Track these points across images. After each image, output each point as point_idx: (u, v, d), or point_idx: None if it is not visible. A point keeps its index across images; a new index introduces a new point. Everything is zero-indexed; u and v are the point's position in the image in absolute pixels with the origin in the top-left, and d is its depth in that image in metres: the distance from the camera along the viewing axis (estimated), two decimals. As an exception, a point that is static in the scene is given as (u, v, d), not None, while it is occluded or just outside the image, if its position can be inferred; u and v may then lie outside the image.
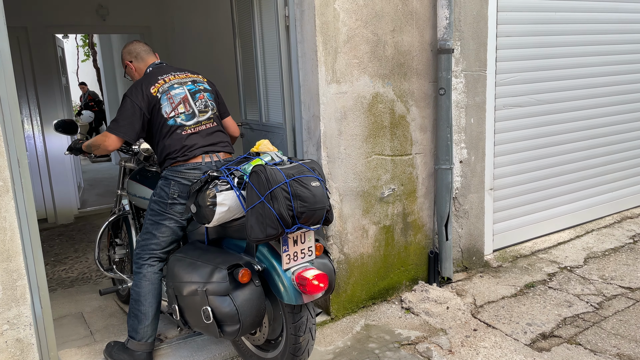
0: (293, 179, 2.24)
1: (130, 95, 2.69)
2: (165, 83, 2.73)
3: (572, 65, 4.13)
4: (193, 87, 2.80)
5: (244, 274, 2.27)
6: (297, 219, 2.23)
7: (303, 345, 2.38)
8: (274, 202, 2.19)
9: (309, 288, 2.24)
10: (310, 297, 2.30)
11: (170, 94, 2.70)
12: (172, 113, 2.68)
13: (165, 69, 2.83)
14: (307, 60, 2.96)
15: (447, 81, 3.24)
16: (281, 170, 2.25)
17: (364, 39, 3.01)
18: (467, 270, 3.72)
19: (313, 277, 2.25)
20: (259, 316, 2.34)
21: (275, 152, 2.46)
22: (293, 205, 2.21)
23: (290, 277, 2.30)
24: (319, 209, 2.28)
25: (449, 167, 3.33)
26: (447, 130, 3.29)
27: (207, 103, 2.79)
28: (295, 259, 2.35)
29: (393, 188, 3.25)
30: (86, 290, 4.09)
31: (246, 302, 2.28)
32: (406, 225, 3.35)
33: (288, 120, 3.13)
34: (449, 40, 3.21)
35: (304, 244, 2.38)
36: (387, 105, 3.16)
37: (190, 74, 2.88)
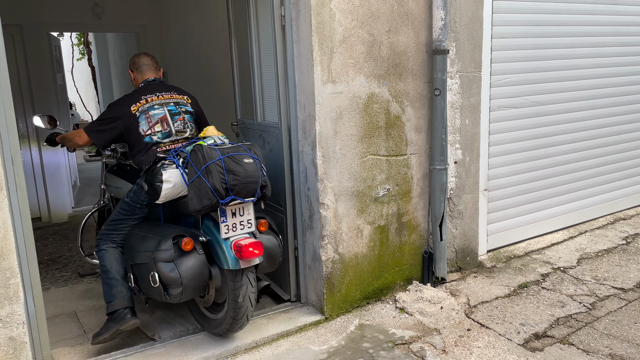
0: (227, 155, 2.58)
1: (115, 107, 3.04)
2: (147, 103, 3.04)
3: (567, 67, 4.16)
4: (174, 108, 3.11)
5: (187, 243, 2.59)
6: (231, 191, 2.54)
7: (242, 310, 2.67)
8: (208, 176, 2.52)
9: (244, 254, 2.55)
10: (246, 263, 2.61)
11: (149, 114, 3.01)
12: (148, 131, 3.00)
13: (153, 88, 3.12)
14: (303, 60, 2.97)
15: (442, 82, 3.25)
16: (217, 149, 2.58)
17: (359, 39, 3.02)
18: (461, 270, 3.73)
19: (248, 244, 2.56)
20: (201, 281, 2.64)
21: (218, 136, 2.78)
22: (226, 178, 2.53)
23: (230, 245, 2.61)
24: (251, 183, 2.60)
25: (444, 168, 3.34)
26: (442, 130, 3.30)
27: (186, 124, 3.11)
28: (234, 230, 2.65)
29: (388, 188, 3.26)
30: (80, 289, 4.07)
31: (189, 268, 2.59)
32: (401, 225, 3.36)
33: (284, 120, 3.13)
34: (445, 41, 3.22)
35: (243, 216, 2.69)
36: (383, 105, 3.17)
37: (177, 94, 3.18)
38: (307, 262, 3.23)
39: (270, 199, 3.39)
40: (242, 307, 2.68)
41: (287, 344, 2.90)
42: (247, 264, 2.62)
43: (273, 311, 3.21)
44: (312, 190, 3.06)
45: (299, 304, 3.30)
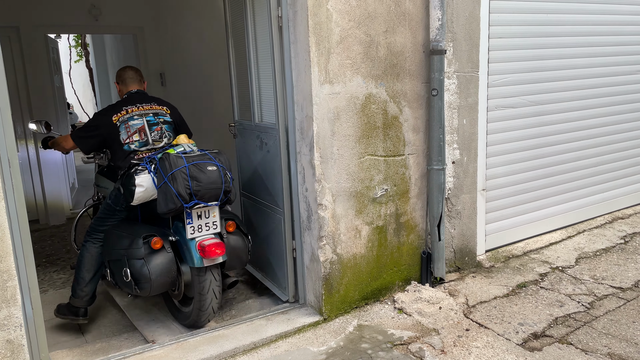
0: (192, 163, 2.86)
1: (98, 117, 3.33)
2: (127, 114, 3.29)
3: (564, 67, 4.16)
4: (153, 119, 3.36)
5: (156, 242, 2.89)
6: (194, 196, 2.83)
7: (207, 302, 2.97)
8: (174, 182, 2.80)
9: (207, 253, 2.85)
10: (210, 261, 2.91)
11: (129, 124, 3.27)
12: (127, 140, 3.26)
13: (135, 100, 3.37)
14: (300, 61, 2.96)
15: (439, 82, 3.25)
16: (184, 157, 2.88)
17: (356, 39, 3.02)
18: (459, 270, 3.73)
19: (211, 245, 2.86)
20: (169, 277, 2.92)
21: (188, 144, 3.07)
22: (190, 184, 2.82)
23: (195, 244, 2.92)
24: (213, 189, 2.88)
25: (442, 168, 3.34)
26: (439, 131, 3.30)
27: (163, 134, 3.37)
28: (199, 230, 2.95)
29: (386, 188, 3.26)
30: (78, 291, 4.07)
31: (157, 265, 2.87)
32: (399, 225, 3.36)
33: (281, 121, 3.13)
34: (442, 41, 3.22)
35: (208, 218, 2.99)
36: (380, 105, 3.17)
37: (157, 105, 3.43)
38: (306, 263, 3.23)
39: (268, 199, 3.39)
40: (206, 300, 2.97)
41: (286, 345, 2.90)
42: (211, 262, 2.91)
43: (271, 312, 3.21)
44: (310, 191, 3.06)
45: (298, 305, 3.29)
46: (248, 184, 3.74)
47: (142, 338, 3.14)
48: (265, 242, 3.58)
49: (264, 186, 3.46)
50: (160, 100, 3.51)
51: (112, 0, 6.09)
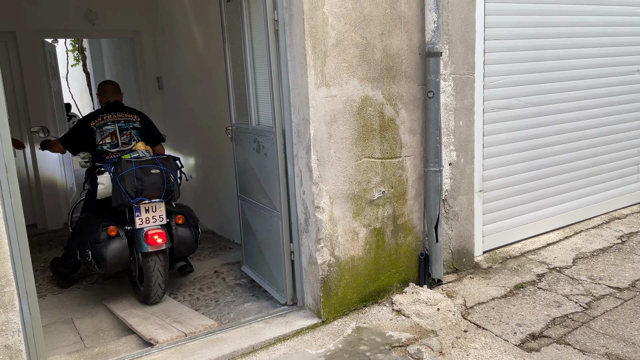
0: (139, 167, 3.51)
1: (81, 122, 4.02)
2: (102, 120, 3.98)
3: (560, 68, 4.18)
4: (124, 125, 4.02)
5: (112, 230, 3.50)
6: (140, 194, 3.46)
7: (153, 281, 3.53)
8: (123, 182, 3.44)
9: (149, 241, 3.46)
10: (154, 247, 3.48)
11: (103, 129, 3.96)
12: (100, 142, 3.94)
13: (110, 108, 4.06)
14: (297, 64, 2.97)
15: (435, 84, 3.26)
16: (133, 162, 3.53)
17: (352, 42, 3.03)
18: (457, 271, 3.74)
19: (153, 234, 3.47)
20: (122, 259, 3.52)
21: (143, 150, 3.73)
22: (136, 184, 3.45)
23: (143, 233, 3.50)
24: (156, 188, 3.50)
25: (438, 170, 3.35)
26: (436, 132, 3.31)
27: (132, 138, 4.01)
28: (147, 222, 3.54)
29: (383, 191, 3.27)
30: (76, 295, 4.07)
31: (112, 249, 3.47)
32: (396, 227, 3.37)
33: (278, 124, 3.13)
34: (437, 43, 3.23)
35: (155, 212, 3.58)
36: (377, 108, 3.18)
37: (128, 114, 4.09)
38: (304, 266, 3.23)
39: (266, 202, 3.40)
40: (153, 279, 3.53)
41: (284, 348, 2.90)
42: (154, 248, 3.49)
43: (270, 315, 3.21)
44: (308, 193, 3.07)
45: (296, 307, 3.30)
46: (245, 187, 3.74)
47: (140, 342, 3.14)
48: (263, 245, 3.58)
49: (261, 189, 3.46)
50: (133, 110, 4.17)
51: (108, 5, 6.09)
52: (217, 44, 4.45)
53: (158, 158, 3.64)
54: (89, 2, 5.96)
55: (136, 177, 3.47)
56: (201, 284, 4.12)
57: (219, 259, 4.70)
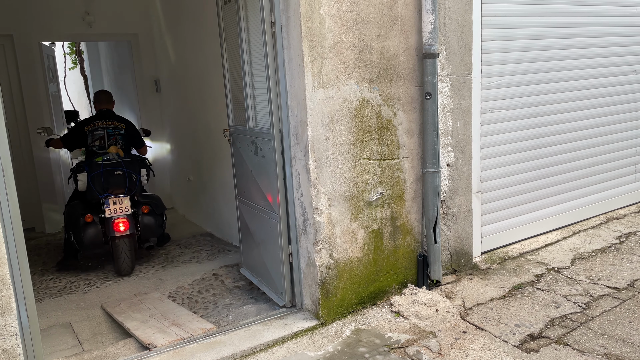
0: (106, 169, 4.46)
1: (77, 125, 4.90)
2: (94, 126, 4.84)
3: (557, 69, 4.19)
4: (111, 131, 4.86)
5: (87, 217, 4.40)
6: (106, 190, 4.40)
7: (120, 260, 4.41)
8: (93, 181, 4.41)
9: (115, 228, 4.35)
10: (119, 233, 4.36)
11: (94, 133, 4.82)
12: (91, 144, 4.82)
13: (102, 116, 4.90)
14: (294, 66, 2.98)
15: (433, 85, 3.26)
16: (102, 164, 4.50)
17: (350, 44, 3.03)
18: (456, 272, 3.74)
19: (117, 222, 4.36)
20: (96, 240, 4.42)
21: (114, 153, 4.67)
22: (103, 182, 4.40)
23: (111, 221, 4.37)
24: (119, 186, 4.43)
25: (436, 171, 3.35)
26: (433, 134, 3.31)
27: (116, 142, 4.85)
28: (115, 212, 4.40)
29: (381, 192, 3.27)
30: (74, 299, 4.06)
31: (88, 232, 4.39)
32: (395, 229, 3.37)
33: (275, 126, 3.13)
34: (434, 44, 3.24)
35: (122, 204, 4.45)
36: (374, 109, 3.18)
37: (116, 122, 4.92)
38: (302, 268, 3.23)
39: (264, 204, 3.40)
40: (120, 258, 4.41)
41: (283, 350, 2.90)
42: (120, 234, 4.36)
43: (268, 317, 3.20)
44: (306, 195, 3.07)
45: (295, 309, 3.29)
46: (243, 189, 3.74)
47: (139, 345, 3.14)
48: (261, 247, 3.58)
49: (259, 191, 3.46)
50: (120, 118, 5.00)
51: (106, 8, 6.09)
52: (215, 47, 4.45)
53: (123, 161, 4.60)
54: (86, 5, 5.96)
55: (103, 177, 4.43)
56: (200, 287, 4.12)
57: (218, 261, 4.70)
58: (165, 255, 4.97)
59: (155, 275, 4.46)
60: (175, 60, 5.85)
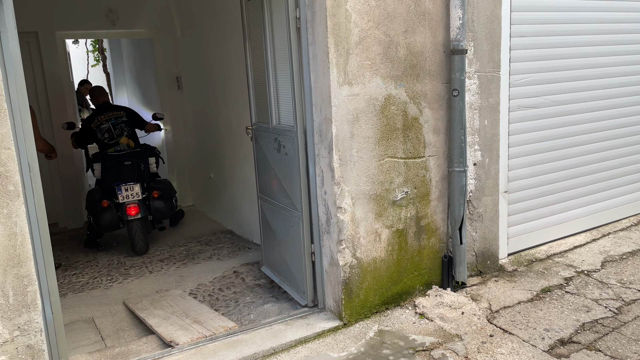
0: (117, 159, 4.95)
1: (84, 124, 5.31)
2: (99, 121, 5.23)
3: (588, 66, 4.06)
4: (115, 121, 5.26)
5: (103, 202, 4.81)
6: (117, 179, 4.87)
7: (135, 240, 4.85)
8: (105, 171, 4.94)
9: (128, 212, 4.75)
10: (131, 217, 4.76)
11: (100, 128, 5.22)
12: (101, 137, 5.22)
13: (102, 110, 5.30)
14: (319, 62, 2.93)
15: (460, 82, 3.19)
16: (114, 155, 4.99)
17: (376, 40, 2.97)
18: (481, 274, 3.65)
19: (129, 207, 4.75)
20: (112, 223, 4.86)
21: (124, 144, 5.17)
22: (114, 171, 4.89)
23: (124, 206, 4.75)
24: (129, 175, 4.90)
25: (463, 170, 3.27)
26: (460, 132, 3.23)
27: (123, 130, 5.26)
28: (127, 198, 4.79)
29: (406, 191, 3.20)
30: (97, 294, 4.08)
31: (104, 216, 4.83)
32: (420, 229, 3.30)
33: (299, 123, 3.09)
34: (462, 40, 3.16)
35: (133, 191, 4.83)
36: (400, 107, 3.12)
37: (116, 111, 5.31)
38: (325, 267, 3.18)
39: (286, 202, 3.36)
40: (134, 239, 4.84)
41: (306, 350, 2.86)
42: (132, 217, 4.77)
43: (290, 317, 3.17)
44: (329, 194, 3.02)
45: (317, 309, 3.25)
46: (265, 187, 3.71)
47: (160, 342, 3.13)
48: (282, 245, 3.54)
49: (281, 189, 3.42)
50: (119, 107, 5.43)
51: (129, 5, 6.12)
52: (237, 43, 4.43)
53: (133, 152, 5.07)
54: (110, 2, 5.99)
55: (114, 167, 4.91)
56: (221, 284, 4.10)
57: (238, 259, 4.68)
58: (186, 252, 4.97)
59: (177, 272, 4.46)
60: (197, 57, 5.85)
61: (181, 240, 5.38)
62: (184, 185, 6.80)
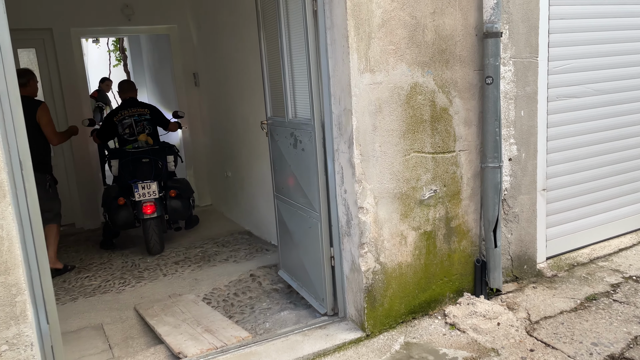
0: (134, 156, 4.80)
1: (106, 119, 5.20)
2: (121, 116, 5.08)
3: (635, 51, 3.69)
4: (137, 118, 5.10)
5: (119, 200, 4.65)
6: (134, 176, 4.71)
7: (150, 239, 4.70)
8: (122, 168, 4.80)
9: (144, 210, 4.59)
10: (147, 215, 4.61)
11: (122, 122, 5.07)
12: (121, 132, 5.07)
13: (127, 105, 5.14)
14: (338, 48, 2.66)
15: (494, 69, 2.88)
16: (131, 152, 4.85)
17: (400, 22, 2.69)
18: (517, 280, 3.34)
19: (145, 206, 4.59)
20: (128, 220, 4.69)
21: (143, 141, 4.98)
22: (131, 169, 4.75)
23: (140, 204, 4.61)
24: (146, 173, 4.74)
25: (498, 166, 2.97)
26: (495, 124, 2.93)
27: (145, 128, 5.10)
28: (144, 196, 4.63)
29: (435, 189, 2.91)
30: (108, 299, 3.90)
31: (120, 214, 4.67)
32: (449, 230, 3.01)
33: (317, 116, 2.83)
34: (497, 22, 2.85)
35: (150, 189, 4.67)
36: (427, 96, 2.83)
37: (141, 108, 5.16)
38: (345, 273, 2.92)
39: (303, 202, 3.11)
40: (149, 239, 4.70)
41: (324, 365, 2.60)
42: (147, 216, 4.62)
43: (308, 327, 2.91)
44: (350, 192, 2.75)
45: (337, 318, 2.99)
46: (281, 185, 3.46)
47: (168, 353, 2.92)
48: (300, 248, 3.29)
49: (298, 187, 3.17)
50: (144, 104, 5.28)
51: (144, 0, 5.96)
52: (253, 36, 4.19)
53: (151, 149, 4.90)
54: (125, -3, 5.85)
55: (132, 165, 4.76)
56: (236, 288, 3.88)
57: (255, 261, 4.46)
58: (202, 254, 4.77)
59: (191, 275, 4.26)
60: (213, 51, 5.65)
61: (197, 241, 5.19)
62: (202, 185, 6.62)
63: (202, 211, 6.37)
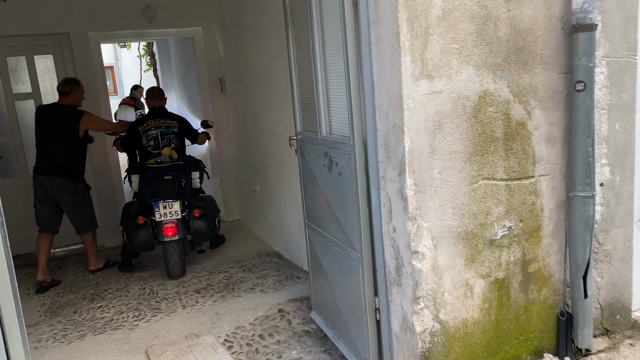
0: (156, 172, 4.36)
1: (131, 127, 4.76)
2: (147, 126, 4.67)
3: None
4: (164, 130, 4.67)
5: (139, 219, 4.30)
6: (155, 195, 4.29)
7: (170, 263, 4.34)
8: (143, 184, 4.37)
9: (164, 232, 4.25)
10: (167, 238, 4.25)
11: (148, 133, 4.66)
12: (146, 144, 4.67)
13: (154, 115, 4.73)
14: (385, 48, 2.08)
15: (587, 71, 2.24)
16: (153, 167, 4.40)
17: (466, 14, 2.09)
18: (608, 333, 2.67)
19: (166, 228, 4.24)
20: (148, 243, 4.34)
21: (166, 156, 4.53)
22: (152, 186, 4.31)
23: (161, 225, 4.26)
24: (168, 192, 4.29)
25: (591, 195, 2.32)
26: (587, 141, 2.28)
27: (171, 141, 4.67)
28: (165, 217, 4.26)
29: (509, 226, 2.29)
30: (118, 337, 3.45)
31: (139, 234, 4.31)
32: (526, 277, 2.38)
33: (357, 133, 2.26)
34: (591, 11, 2.21)
35: (172, 209, 4.28)
36: (500, 108, 2.21)
37: (169, 120, 4.72)
38: (394, 331, 2.33)
39: (340, 237, 2.54)
40: (169, 262, 4.34)
41: None
42: (168, 239, 4.25)
43: (347, 397, 2.34)
44: (400, 232, 2.16)
45: (383, 385, 2.41)
46: (314, 213, 2.90)
47: None
48: (336, 291, 2.72)
49: (334, 219, 2.60)
50: (173, 116, 4.82)
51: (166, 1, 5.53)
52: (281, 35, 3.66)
53: (174, 165, 4.44)
54: (146, -1, 5.43)
55: (152, 182, 4.31)
56: (262, 329, 3.35)
57: (285, 292, 3.92)
58: (226, 281, 4.27)
59: (213, 308, 3.76)
60: (240, 56, 5.16)
61: (222, 263, 4.70)
62: (229, 198, 6.15)
63: (229, 227, 5.89)
